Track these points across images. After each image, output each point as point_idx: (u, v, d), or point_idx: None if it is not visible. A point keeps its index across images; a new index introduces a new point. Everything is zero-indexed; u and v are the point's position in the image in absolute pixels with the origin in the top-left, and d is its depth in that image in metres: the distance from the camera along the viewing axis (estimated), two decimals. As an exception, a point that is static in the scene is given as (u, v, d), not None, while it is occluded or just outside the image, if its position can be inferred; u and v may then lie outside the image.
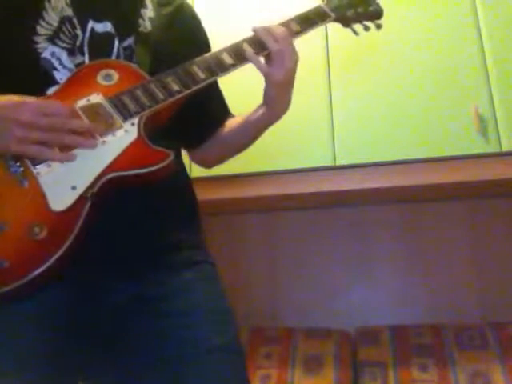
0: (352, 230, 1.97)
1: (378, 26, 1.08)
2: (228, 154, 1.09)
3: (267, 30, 0.91)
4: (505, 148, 1.52)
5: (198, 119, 1.03)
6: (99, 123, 0.79)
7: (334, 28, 1.07)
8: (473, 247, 1.85)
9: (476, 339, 1.57)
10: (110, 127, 0.79)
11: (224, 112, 1.08)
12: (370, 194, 1.74)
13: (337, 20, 1.05)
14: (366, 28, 1.07)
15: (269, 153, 1.11)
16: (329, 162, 1.63)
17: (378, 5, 1.08)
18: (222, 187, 1.67)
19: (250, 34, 0.94)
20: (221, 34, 1.10)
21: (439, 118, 1.60)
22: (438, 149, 1.58)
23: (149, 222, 0.86)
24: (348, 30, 1.08)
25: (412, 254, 1.89)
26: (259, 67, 0.90)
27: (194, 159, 1.13)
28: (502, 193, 1.79)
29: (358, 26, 1.07)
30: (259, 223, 2.05)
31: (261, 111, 0.96)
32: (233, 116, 1.08)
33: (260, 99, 0.95)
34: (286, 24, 0.96)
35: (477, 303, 1.78)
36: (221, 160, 1.11)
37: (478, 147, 1.54)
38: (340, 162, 1.63)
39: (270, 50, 0.90)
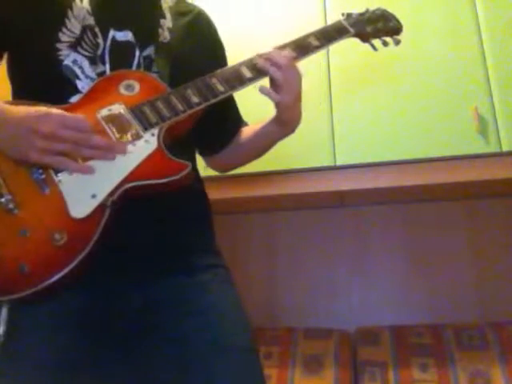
0: (352, 230, 1.97)
1: (397, 42, 1.08)
2: (242, 161, 1.11)
3: (268, 60, 0.91)
4: (505, 148, 1.52)
5: (215, 128, 1.05)
6: (120, 133, 0.80)
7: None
8: (473, 247, 1.85)
9: (476, 339, 1.57)
10: (130, 137, 0.80)
11: (238, 121, 1.10)
12: (370, 193, 1.74)
13: (356, 35, 1.05)
14: (385, 43, 1.08)
15: (269, 153, 1.11)
16: (329, 162, 1.64)
17: (397, 21, 1.09)
18: (222, 187, 1.67)
19: (247, 35, 0.94)
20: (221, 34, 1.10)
21: (439, 118, 1.60)
22: (438, 149, 1.58)
23: (165, 226, 0.87)
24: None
25: (412, 253, 1.89)
26: (271, 97, 0.91)
27: (209, 164, 1.15)
28: (501, 193, 1.79)
29: (376, 42, 1.08)
30: (259, 223, 2.05)
31: (273, 128, 0.98)
32: (246, 124, 1.10)
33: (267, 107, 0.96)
34: (304, 38, 0.97)
35: (477, 303, 1.78)
36: (235, 166, 1.13)
37: (478, 147, 1.54)
38: (340, 161, 1.63)
39: (274, 79, 0.90)
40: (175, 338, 0.82)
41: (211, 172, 1.47)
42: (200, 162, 1.18)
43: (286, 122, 0.95)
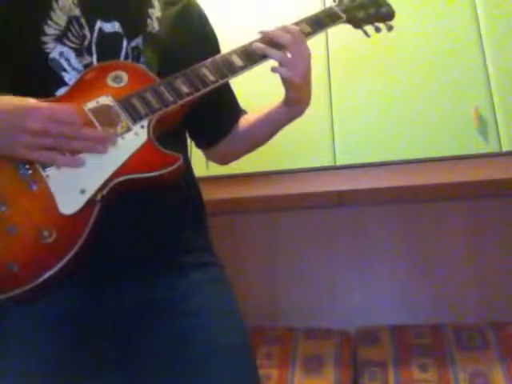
0: (352, 230, 1.97)
1: (390, 28, 1.07)
2: (246, 149, 1.09)
3: (284, 30, 0.91)
4: (505, 148, 1.52)
5: (212, 119, 1.04)
6: (109, 126, 0.78)
7: (335, 27, 1.07)
8: (473, 247, 1.85)
9: (476, 339, 1.57)
10: (119, 130, 0.78)
11: (237, 110, 1.09)
12: (370, 193, 1.74)
13: (348, 21, 1.04)
14: (377, 29, 1.06)
15: (269, 153, 1.11)
16: (329, 162, 1.64)
17: (389, 6, 1.07)
18: (221, 187, 1.67)
19: (247, 33, 0.94)
20: (219, 34, 1.10)
21: (439, 117, 1.60)
22: (438, 149, 1.58)
23: (158, 224, 0.86)
24: (347, 30, 1.07)
25: (412, 254, 1.89)
26: (282, 73, 0.90)
27: (209, 157, 1.13)
28: (501, 193, 1.79)
29: (368, 28, 1.06)
30: (259, 223, 2.05)
31: (283, 109, 0.96)
32: (246, 112, 1.09)
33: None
34: (296, 25, 0.96)
35: (477, 303, 1.78)
36: (237, 156, 1.11)
37: (478, 147, 1.54)
38: (340, 161, 1.63)
39: (286, 49, 0.90)
40: (169, 339, 0.81)
41: (211, 172, 1.48)
42: (200, 161, 1.18)
43: (296, 101, 0.94)
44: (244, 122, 1.05)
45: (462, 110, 1.58)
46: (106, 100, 0.81)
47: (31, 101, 0.75)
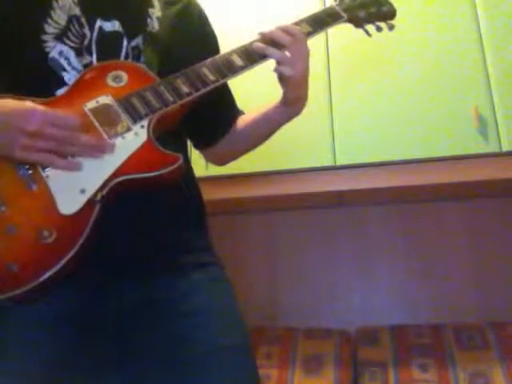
0: (352, 230, 1.97)
1: (391, 27, 1.06)
2: (244, 149, 1.09)
3: (284, 30, 0.91)
4: (505, 148, 1.52)
5: (210, 119, 1.04)
6: (108, 125, 0.78)
7: (335, 27, 1.07)
8: (472, 247, 1.85)
9: (476, 339, 1.56)
10: (119, 129, 0.78)
11: (235, 110, 1.09)
12: (370, 193, 1.74)
13: (349, 21, 1.04)
14: (379, 29, 1.06)
15: (269, 153, 1.11)
16: (329, 162, 1.64)
17: (391, 5, 1.07)
18: (222, 187, 1.67)
19: (247, 33, 0.94)
20: (219, 34, 1.10)
21: (439, 117, 1.60)
22: (437, 149, 1.58)
23: (158, 224, 0.86)
24: (347, 30, 1.08)
25: (412, 254, 1.89)
26: (284, 72, 0.90)
27: (207, 158, 1.13)
28: (501, 193, 1.79)
29: (369, 27, 1.06)
30: (259, 223, 2.05)
31: (281, 109, 0.97)
32: (243, 113, 1.09)
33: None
34: (297, 25, 0.96)
35: (477, 303, 1.78)
36: (235, 156, 1.11)
37: (478, 147, 1.54)
38: (340, 161, 1.63)
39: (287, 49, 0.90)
40: (169, 339, 0.81)
41: (211, 172, 1.48)
42: (200, 162, 1.18)
43: (293, 100, 0.95)
44: (241, 122, 1.06)
45: (462, 110, 1.58)
46: (105, 100, 0.81)
47: (29, 103, 0.74)
